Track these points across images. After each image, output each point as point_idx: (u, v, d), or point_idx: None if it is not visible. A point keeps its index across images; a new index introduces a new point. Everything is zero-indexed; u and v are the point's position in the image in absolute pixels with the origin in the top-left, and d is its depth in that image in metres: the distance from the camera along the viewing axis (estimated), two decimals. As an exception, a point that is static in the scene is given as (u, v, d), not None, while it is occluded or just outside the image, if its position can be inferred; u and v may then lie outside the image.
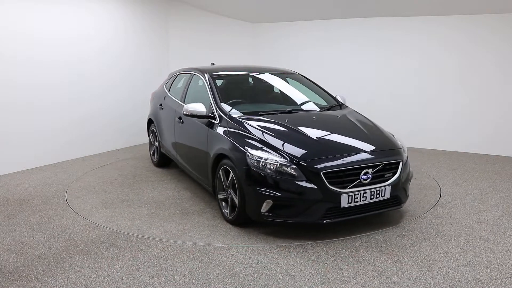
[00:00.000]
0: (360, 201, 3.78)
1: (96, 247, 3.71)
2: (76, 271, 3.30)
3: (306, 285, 3.09)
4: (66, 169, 6.27)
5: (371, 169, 3.83)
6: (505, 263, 3.41)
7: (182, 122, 5.25)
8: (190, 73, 5.71)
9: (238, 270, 3.30)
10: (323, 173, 3.68)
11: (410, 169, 4.36)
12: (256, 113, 4.58)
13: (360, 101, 8.48)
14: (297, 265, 3.38)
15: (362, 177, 3.79)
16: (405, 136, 8.08)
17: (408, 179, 4.23)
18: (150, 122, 6.63)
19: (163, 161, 6.27)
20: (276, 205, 3.73)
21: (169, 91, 6.11)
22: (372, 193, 3.83)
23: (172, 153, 5.71)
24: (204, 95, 4.97)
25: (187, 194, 5.16)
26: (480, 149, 7.45)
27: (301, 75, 5.67)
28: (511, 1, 6.57)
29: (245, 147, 3.96)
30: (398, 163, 4.05)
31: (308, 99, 5.28)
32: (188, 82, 5.63)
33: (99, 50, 7.19)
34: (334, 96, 5.43)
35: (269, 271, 3.29)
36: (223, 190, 4.25)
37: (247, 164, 3.85)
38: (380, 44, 8.22)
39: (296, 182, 3.68)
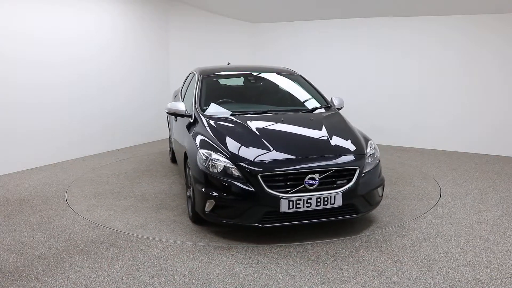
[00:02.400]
0: (303, 207, 3.60)
1: (96, 247, 3.71)
2: (76, 271, 3.30)
3: (306, 285, 3.09)
4: (66, 169, 6.27)
5: (318, 175, 3.66)
6: (505, 263, 3.41)
7: (176, 120, 5.39)
8: (193, 72, 5.76)
9: (238, 270, 3.30)
10: (260, 176, 3.59)
11: (381, 176, 4.11)
12: (228, 113, 4.63)
13: (360, 101, 8.49)
14: (297, 265, 3.38)
15: (307, 182, 3.62)
16: (405, 136, 8.10)
17: (372, 187, 3.92)
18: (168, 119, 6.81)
19: (174, 157, 6.33)
20: (218, 205, 3.72)
21: (181, 89, 6.22)
22: (319, 200, 3.63)
23: (174, 149, 5.86)
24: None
25: (176, 190, 5.27)
26: (480, 149, 7.45)
27: (300, 75, 5.60)
28: (511, 1, 6.57)
29: (199, 146, 4.03)
30: (354, 170, 3.82)
31: (296, 100, 5.20)
32: (190, 81, 5.71)
33: (99, 50, 7.19)
34: (328, 98, 5.28)
35: (269, 271, 3.29)
36: (189, 187, 4.31)
37: (196, 163, 3.92)
38: (380, 44, 8.22)
39: (236, 183, 3.64)
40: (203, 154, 3.89)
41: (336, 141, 4.08)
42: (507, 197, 5.07)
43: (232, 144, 3.91)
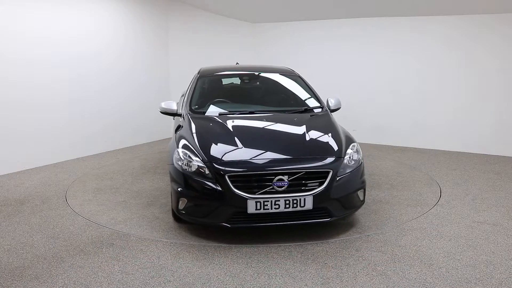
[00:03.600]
0: (271, 209, 3.56)
1: (96, 247, 3.71)
2: (76, 271, 3.30)
3: (306, 285, 3.09)
4: (66, 169, 6.27)
5: (287, 176, 3.60)
6: (505, 263, 3.41)
7: (174, 119, 5.50)
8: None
9: (238, 270, 3.30)
10: (228, 176, 3.59)
11: (362, 179, 4.00)
12: (215, 113, 4.67)
13: (360, 101, 8.50)
14: (297, 265, 3.38)
15: (275, 183, 3.58)
16: (405, 136, 8.11)
17: (349, 191, 3.83)
18: None
19: None
20: (190, 204, 3.76)
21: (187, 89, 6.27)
22: (287, 202, 3.57)
23: None
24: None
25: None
26: (480, 149, 7.45)
27: (299, 76, 5.51)
28: (511, 1, 6.57)
29: (177, 145, 4.08)
30: (327, 172, 3.73)
31: (289, 101, 5.15)
32: (191, 81, 5.73)
33: (99, 50, 7.19)
34: (326, 98, 5.22)
35: (269, 271, 3.29)
36: None
37: (173, 161, 3.97)
38: (380, 44, 8.22)
39: (206, 183, 3.65)
40: (178, 152, 3.95)
41: (312, 143, 4.04)
42: (507, 197, 5.07)
43: (207, 144, 3.94)
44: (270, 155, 3.81)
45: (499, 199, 4.99)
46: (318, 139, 4.12)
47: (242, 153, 3.81)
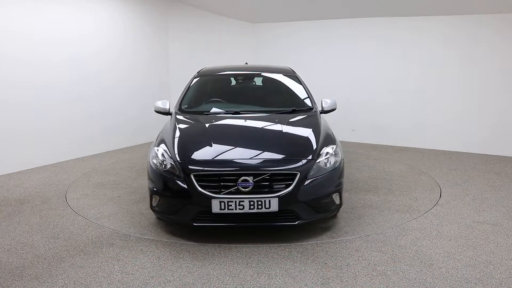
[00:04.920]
0: (235, 209, 3.55)
1: (96, 247, 3.71)
2: (76, 271, 3.30)
3: (306, 285, 3.09)
4: (66, 169, 6.27)
5: (252, 177, 3.57)
6: (505, 263, 3.41)
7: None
8: None
9: (238, 270, 3.30)
10: (193, 175, 3.63)
11: (338, 182, 3.88)
12: (201, 113, 4.72)
13: (360, 101, 8.50)
14: (297, 265, 3.37)
15: (240, 184, 3.56)
16: (405, 136, 8.11)
17: (321, 194, 3.75)
18: None
19: None
20: (161, 201, 3.82)
21: None
22: (252, 203, 3.54)
23: None
24: None
25: None
26: (480, 149, 7.45)
27: (296, 76, 5.43)
28: (511, 1, 6.57)
29: (155, 143, 4.18)
30: (294, 175, 3.65)
31: (280, 101, 5.10)
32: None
33: (99, 50, 7.19)
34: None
35: (269, 271, 3.29)
36: None
37: (149, 159, 4.05)
38: (380, 44, 8.22)
39: (175, 181, 3.71)
40: (154, 150, 4.03)
41: (286, 145, 3.98)
42: (507, 197, 5.07)
43: (181, 143, 4.00)
44: (239, 156, 3.83)
45: (499, 199, 4.99)
46: (292, 141, 4.07)
47: (212, 153, 3.84)
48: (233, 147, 3.96)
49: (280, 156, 3.81)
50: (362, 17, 8.29)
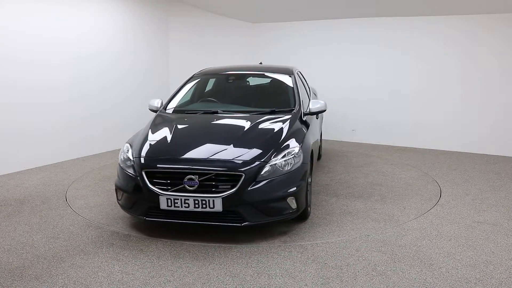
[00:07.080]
0: (181, 207, 3.63)
1: (96, 247, 3.71)
2: (76, 271, 3.30)
3: (306, 285, 3.09)
4: (66, 169, 6.27)
5: (197, 176, 3.63)
6: (505, 263, 3.41)
7: None
8: None
9: (238, 270, 3.30)
10: (144, 172, 3.78)
11: (293, 186, 3.78)
12: (182, 112, 4.87)
13: (360, 101, 8.50)
14: (297, 265, 3.38)
15: (186, 182, 3.63)
16: (405, 136, 8.11)
17: (271, 196, 3.68)
18: None
19: None
20: (122, 196, 4.00)
21: None
22: (196, 201, 3.60)
23: None
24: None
25: None
26: (480, 149, 7.45)
27: (294, 76, 5.30)
28: (511, 1, 6.57)
29: (128, 140, 4.35)
30: (239, 176, 3.63)
31: (264, 102, 5.06)
32: None
33: (99, 50, 7.19)
34: (298, 100, 4.88)
35: (269, 271, 3.29)
36: None
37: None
38: (380, 44, 8.22)
39: (131, 177, 3.88)
40: (124, 147, 4.21)
41: (242, 145, 3.94)
42: (507, 197, 5.07)
43: (145, 140, 4.15)
44: (193, 155, 3.89)
45: (499, 199, 4.99)
46: (251, 142, 4.01)
47: (167, 151, 3.99)
48: (190, 146, 4.02)
49: (231, 157, 3.79)
50: (362, 17, 8.29)
